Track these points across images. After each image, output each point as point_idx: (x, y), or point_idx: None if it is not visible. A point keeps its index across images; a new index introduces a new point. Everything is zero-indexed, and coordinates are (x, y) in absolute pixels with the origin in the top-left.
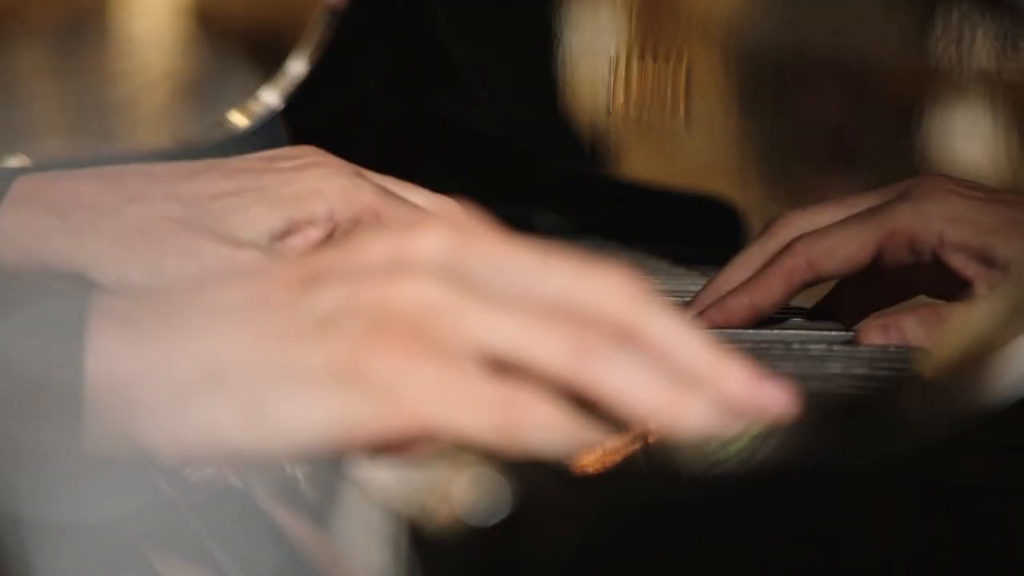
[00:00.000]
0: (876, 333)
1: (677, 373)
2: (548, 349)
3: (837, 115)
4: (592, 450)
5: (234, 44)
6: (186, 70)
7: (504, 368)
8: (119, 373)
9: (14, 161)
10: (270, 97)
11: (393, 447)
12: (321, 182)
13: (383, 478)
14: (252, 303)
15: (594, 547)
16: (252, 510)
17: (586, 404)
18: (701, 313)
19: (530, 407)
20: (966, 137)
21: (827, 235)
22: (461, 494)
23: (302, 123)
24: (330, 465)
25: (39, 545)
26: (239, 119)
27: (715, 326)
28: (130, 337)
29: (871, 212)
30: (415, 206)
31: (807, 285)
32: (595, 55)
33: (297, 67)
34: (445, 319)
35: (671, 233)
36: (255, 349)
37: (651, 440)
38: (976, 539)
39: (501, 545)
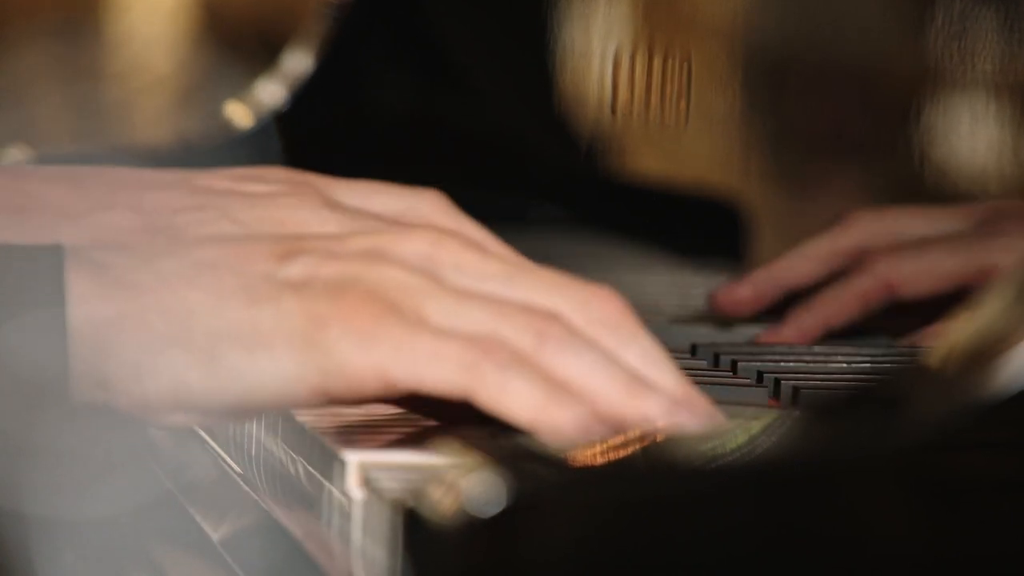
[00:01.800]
0: None
1: (638, 374)
2: (511, 333)
3: (840, 110)
4: (593, 444)
5: (237, 43)
6: (188, 69)
7: None
8: (94, 318)
9: (15, 151)
10: (269, 94)
11: (353, 402)
12: (284, 212)
13: (382, 470)
14: (227, 263)
15: (593, 540)
16: (253, 504)
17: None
18: (775, 330)
19: (496, 360)
20: (970, 132)
21: (911, 260)
22: (459, 486)
23: (302, 119)
24: (328, 458)
25: (43, 542)
26: (240, 115)
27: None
28: (105, 282)
29: (961, 244)
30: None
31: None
32: (597, 51)
33: (297, 63)
34: (410, 297)
35: (671, 229)
36: (220, 304)
37: (653, 436)
38: (980, 535)
39: (499, 537)
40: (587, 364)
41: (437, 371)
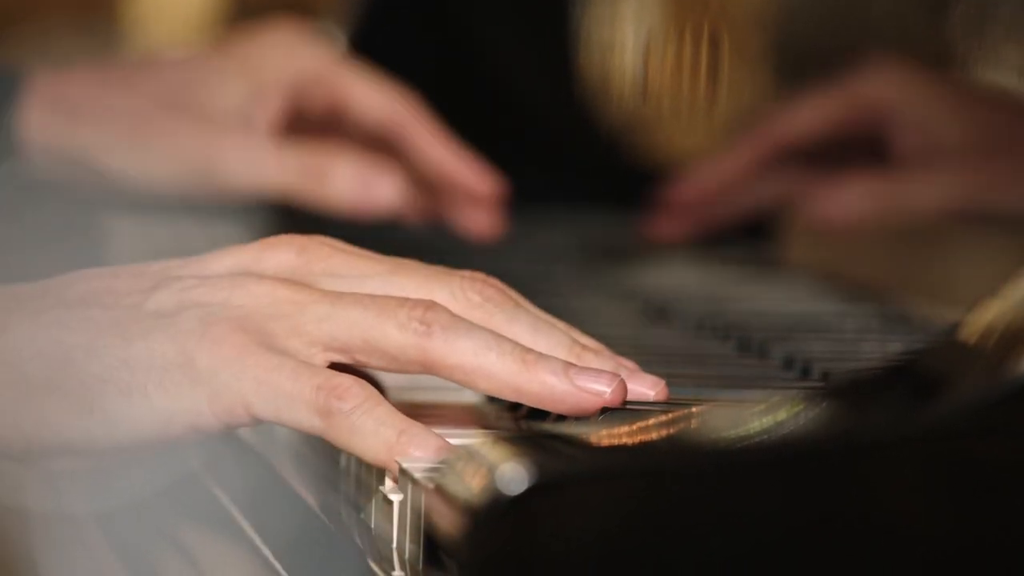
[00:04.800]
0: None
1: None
2: (391, 330)
3: None
4: (621, 424)
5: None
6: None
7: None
8: None
9: None
10: None
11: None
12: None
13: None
14: (97, 300)
15: (618, 521)
16: (276, 482)
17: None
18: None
19: (346, 404)
20: None
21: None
22: (486, 465)
23: None
24: None
25: (69, 531)
26: None
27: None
28: None
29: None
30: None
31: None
32: (628, 36)
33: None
34: (282, 316)
35: None
36: (95, 344)
37: (681, 415)
38: (1009, 519)
39: (525, 516)
40: (477, 345)
41: (294, 413)
